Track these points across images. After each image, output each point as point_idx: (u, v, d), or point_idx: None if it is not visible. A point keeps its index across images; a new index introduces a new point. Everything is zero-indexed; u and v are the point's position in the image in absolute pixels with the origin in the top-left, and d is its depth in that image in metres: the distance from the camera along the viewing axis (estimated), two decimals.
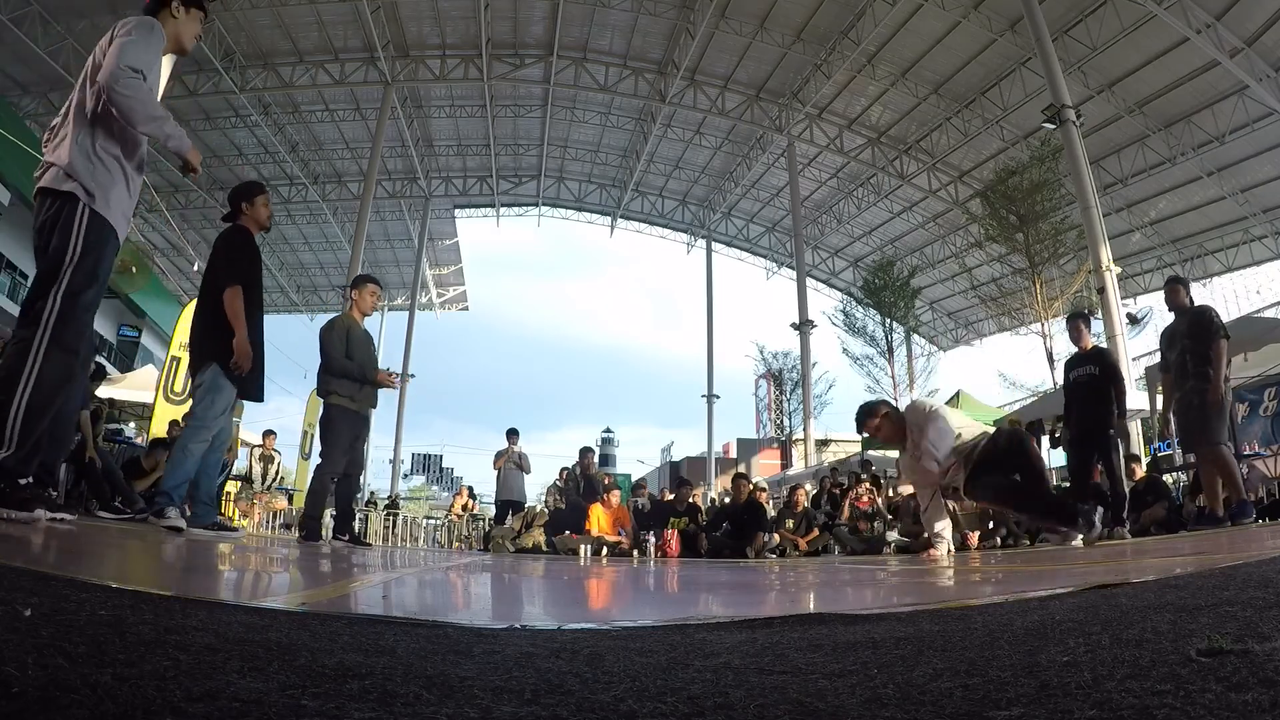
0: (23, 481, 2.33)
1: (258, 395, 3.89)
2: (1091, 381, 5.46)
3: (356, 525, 6.07)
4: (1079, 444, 5.60)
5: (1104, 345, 6.58)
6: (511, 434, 10.33)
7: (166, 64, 2.71)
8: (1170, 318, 5.42)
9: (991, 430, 4.29)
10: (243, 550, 3.20)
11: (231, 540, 3.67)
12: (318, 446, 5.23)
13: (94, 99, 2.44)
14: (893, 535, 7.55)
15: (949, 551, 4.41)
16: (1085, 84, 16.07)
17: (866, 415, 4.38)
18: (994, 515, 7.30)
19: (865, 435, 4.96)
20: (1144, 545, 4.21)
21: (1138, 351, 12.76)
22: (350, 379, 5.03)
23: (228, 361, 3.61)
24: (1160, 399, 5.55)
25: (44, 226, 2.44)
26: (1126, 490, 5.52)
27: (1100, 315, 11.65)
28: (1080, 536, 4.09)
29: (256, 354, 3.72)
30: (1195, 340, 5.05)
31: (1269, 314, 12.94)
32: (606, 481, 9.41)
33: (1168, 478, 8.75)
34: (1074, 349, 5.87)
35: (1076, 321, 5.84)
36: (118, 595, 0.98)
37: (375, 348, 5.52)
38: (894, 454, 13.91)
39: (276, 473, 10.73)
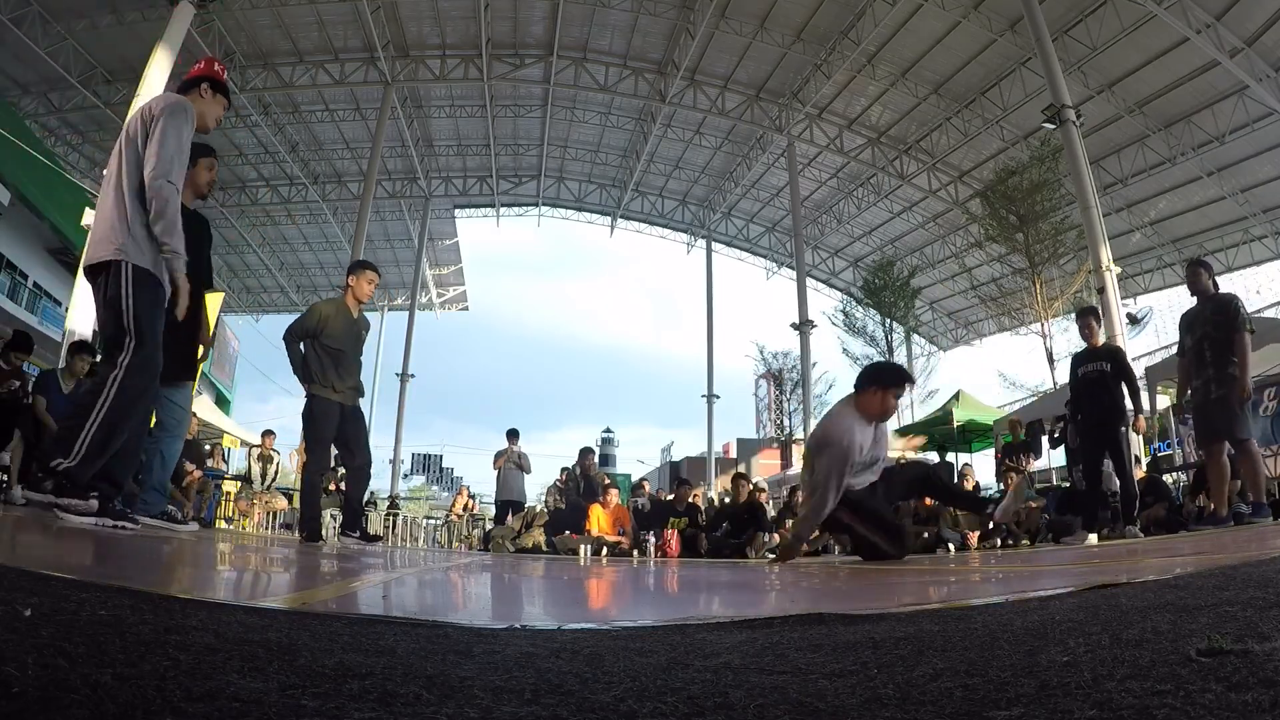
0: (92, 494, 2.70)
1: (187, 374, 3.77)
2: (1101, 378, 5.39)
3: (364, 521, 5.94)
4: (1090, 442, 5.54)
5: (1115, 343, 6.47)
6: (511, 434, 10.34)
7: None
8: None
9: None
10: (243, 550, 3.20)
11: (179, 535, 3.51)
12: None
13: (135, 180, 2.78)
14: None
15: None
16: (1085, 84, 16.06)
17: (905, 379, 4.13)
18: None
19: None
20: (1144, 545, 4.21)
21: (1138, 351, 12.77)
22: (292, 360, 4.76)
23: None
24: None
25: (104, 290, 2.77)
26: (1137, 489, 5.45)
27: (1101, 315, 11.65)
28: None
29: (188, 332, 3.56)
30: (1218, 329, 4.84)
31: (1269, 314, 12.94)
32: (605, 481, 9.41)
33: (1168, 478, 8.76)
34: (1081, 345, 5.78)
35: (1087, 317, 5.71)
36: (118, 595, 0.98)
37: (364, 337, 5.17)
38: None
39: (275, 472, 10.73)
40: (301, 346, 4.89)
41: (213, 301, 3.78)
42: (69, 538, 2.24)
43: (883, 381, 4.00)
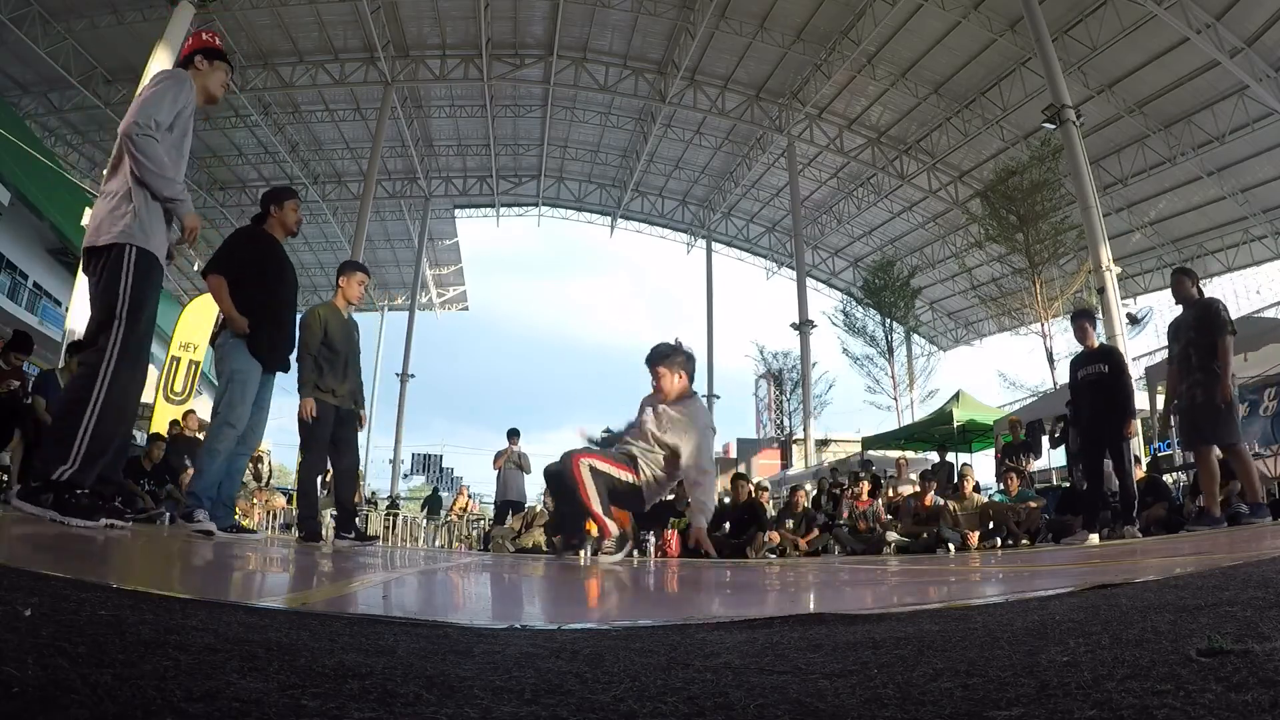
0: (79, 491, 2.50)
1: (283, 365, 4.06)
2: (1101, 380, 5.40)
3: (358, 521, 6.01)
4: (1092, 444, 5.55)
5: (1111, 344, 6.54)
6: (512, 434, 10.33)
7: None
8: (1172, 312, 5.34)
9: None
10: (243, 550, 3.19)
11: (252, 542, 3.67)
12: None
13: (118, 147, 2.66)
14: (892, 535, 7.55)
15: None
16: (1085, 84, 16.07)
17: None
18: (993, 516, 7.31)
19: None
20: (1144, 545, 4.21)
21: (1138, 351, 12.78)
22: (306, 371, 4.64)
23: (243, 342, 3.75)
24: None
25: (100, 275, 2.63)
26: (1136, 490, 5.47)
27: (1100, 315, 11.66)
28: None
29: (278, 325, 3.91)
30: (1200, 334, 4.90)
31: (1269, 314, 12.94)
32: None
33: (1168, 478, 8.75)
34: (1079, 347, 5.80)
35: (1081, 320, 5.72)
36: (118, 595, 0.98)
37: (358, 337, 5.14)
38: (894, 454, 13.94)
39: (269, 471, 10.70)
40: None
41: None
42: (68, 538, 2.24)
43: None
